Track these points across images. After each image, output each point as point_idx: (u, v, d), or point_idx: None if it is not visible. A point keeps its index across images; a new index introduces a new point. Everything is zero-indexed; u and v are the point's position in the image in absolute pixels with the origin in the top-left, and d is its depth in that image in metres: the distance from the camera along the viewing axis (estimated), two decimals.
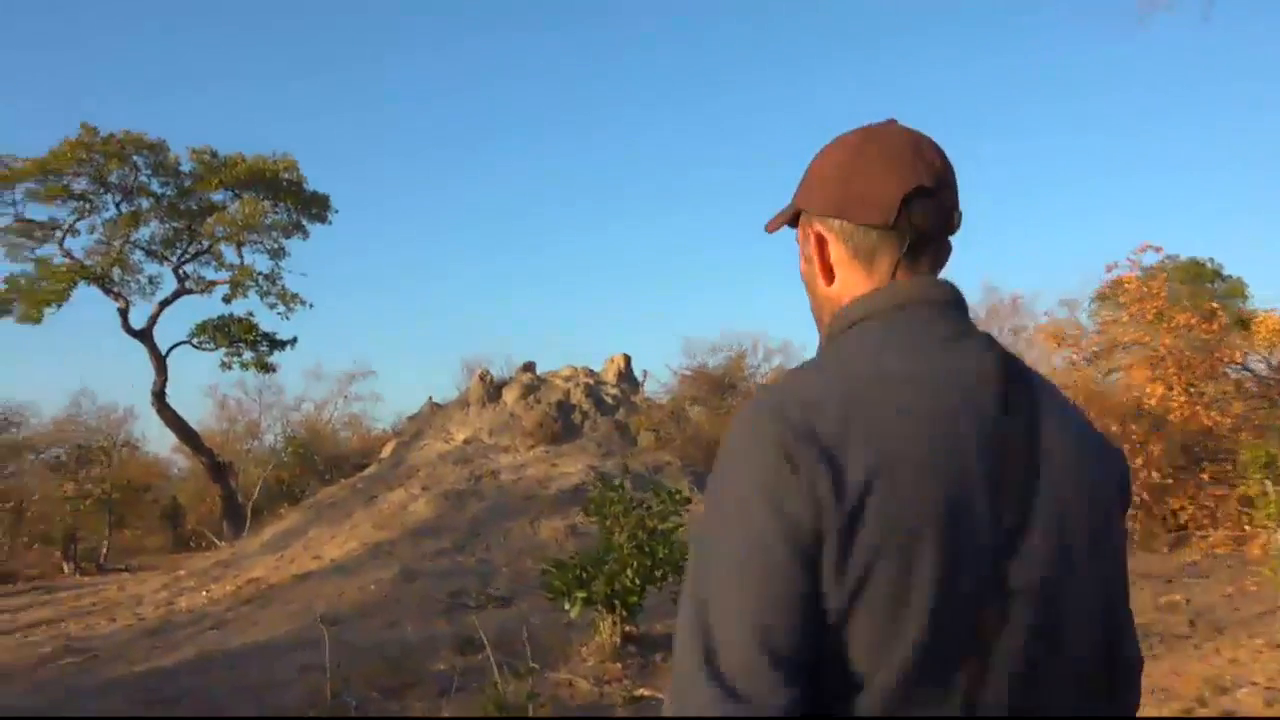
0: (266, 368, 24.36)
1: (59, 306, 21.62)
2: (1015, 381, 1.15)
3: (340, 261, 49.24)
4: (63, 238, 23.07)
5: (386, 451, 17.30)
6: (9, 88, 41.06)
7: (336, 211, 24.87)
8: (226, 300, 23.34)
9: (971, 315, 1.25)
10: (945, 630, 1.02)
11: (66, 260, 22.41)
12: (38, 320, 21.70)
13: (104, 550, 24.76)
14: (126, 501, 28.78)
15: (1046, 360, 15.27)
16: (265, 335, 24.13)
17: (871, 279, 1.23)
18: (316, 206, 24.39)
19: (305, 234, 24.40)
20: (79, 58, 41.50)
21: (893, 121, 1.29)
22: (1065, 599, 1.10)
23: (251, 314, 23.97)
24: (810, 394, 1.08)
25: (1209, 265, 22.42)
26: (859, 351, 1.16)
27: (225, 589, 12.84)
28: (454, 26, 50.84)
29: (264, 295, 23.28)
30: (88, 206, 22.94)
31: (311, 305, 23.72)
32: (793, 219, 1.35)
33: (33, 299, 21.26)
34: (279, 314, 23.51)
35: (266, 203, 22.70)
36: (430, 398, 18.08)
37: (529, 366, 18.12)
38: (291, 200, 23.69)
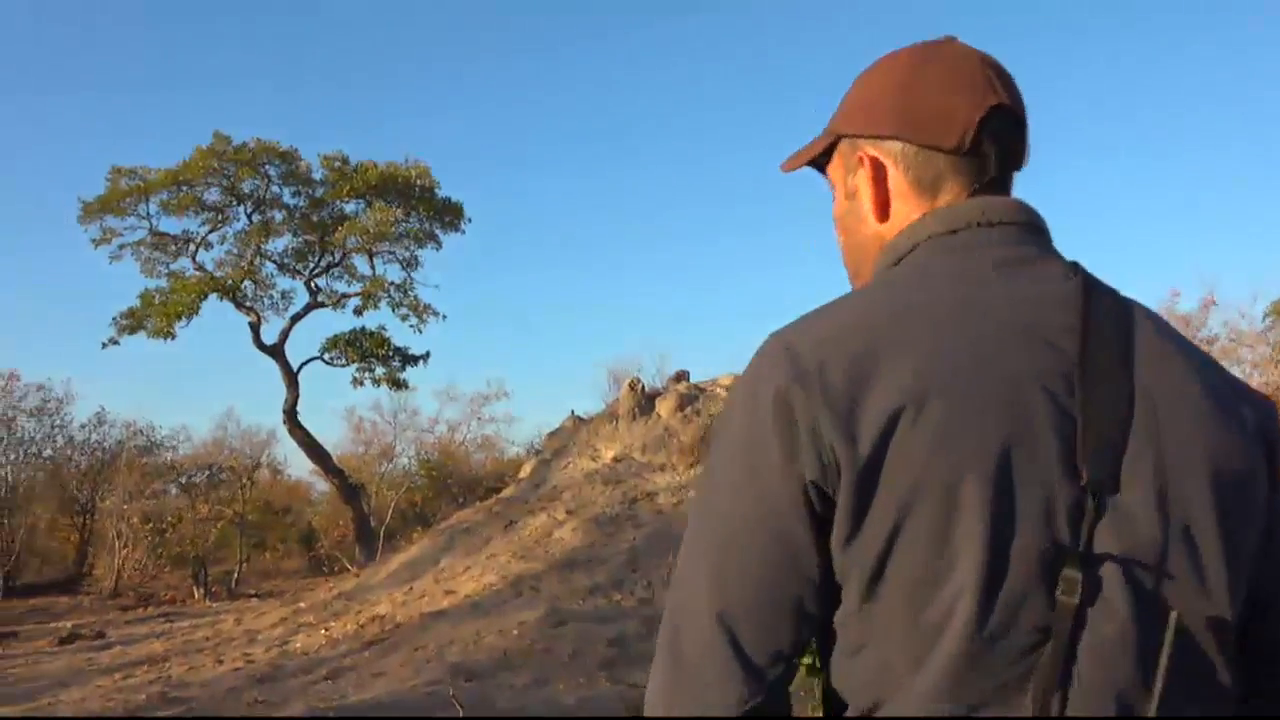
0: (399, 384, 22.82)
1: (189, 320, 20.49)
2: (1107, 313, 0.92)
3: (472, 273, 48.06)
4: (195, 251, 22.10)
5: (525, 471, 15.25)
6: (143, 95, 41.35)
7: (470, 220, 23.33)
8: (358, 312, 21.92)
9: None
10: (1006, 608, 0.83)
11: (198, 273, 21.36)
12: (169, 334, 20.61)
13: (236, 574, 23.60)
14: (265, 524, 27.95)
15: None
16: (398, 350, 22.63)
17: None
18: (450, 214, 22.84)
19: (438, 244, 22.89)
20: (200, 61, 41.59)
21: (952, 38, 1.07)
22: (1182, 576, 0.86)
23: (384, 328, 22.55)
24: (829, 328, 0.91)
25: None
26: (901, 281, 0.97)
27: (346, 627, 10.91)
28: (589, 18, 49.36)
29: (396, 307, 21.77)
30: (220, 218, 21.91)
31: (445, 317, 22.12)
32: (823, 153, 1.12)
33: (163, 312, 20.17)
34: (411, 326, 21.97)
35: (399, 210, 21.21)
36: (572, 411, 16.02)
37: (682, 375, 15.88)
38: (424, 208, 22.20)
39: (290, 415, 22.40)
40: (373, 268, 22.52)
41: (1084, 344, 0.90)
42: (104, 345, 21.71)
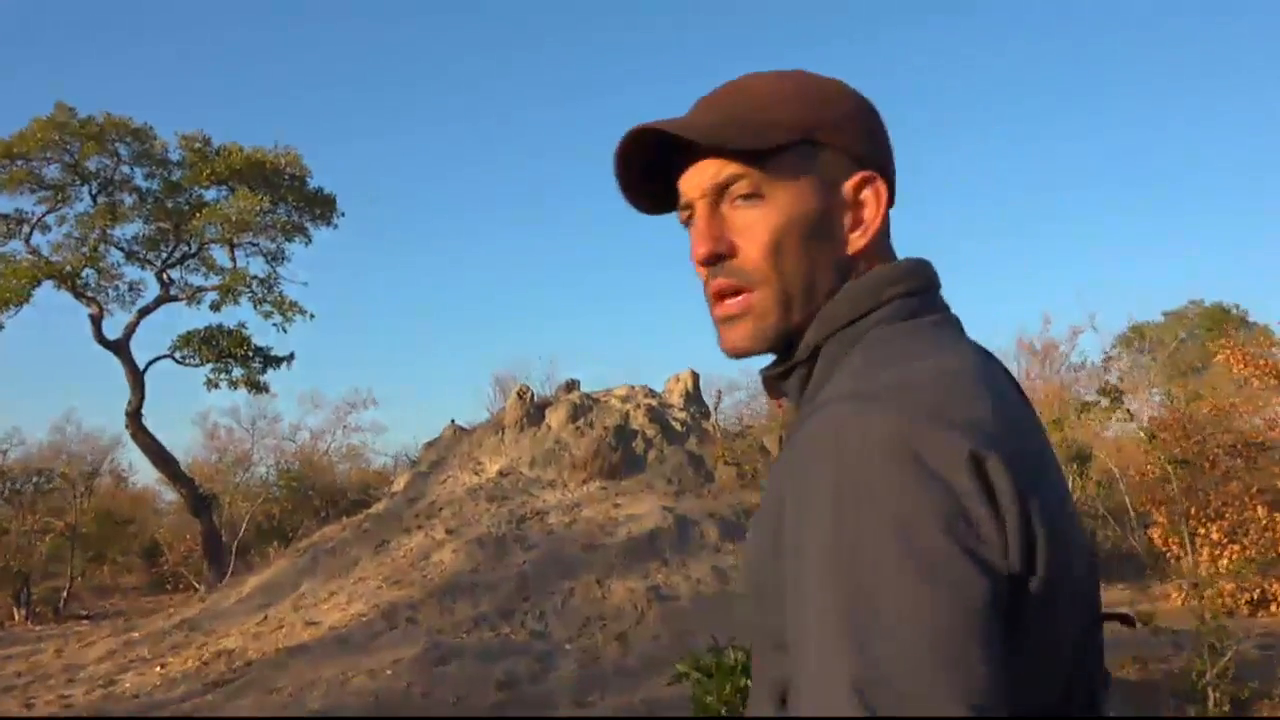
0: (258, 387, 20.90)
1: (18, 309, 18.20)
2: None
3: (340, 271, 45.66)
4: (29, 233, 19.72)
5: (399, 485, 13.84)
6: None
7: (342, 214, 21.64)
8: (215, 308, 19.95)
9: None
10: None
11: (31, 257, 19.06)
12: None
13: (65, 592, 21.21)
14: (105, 536, 25.56)
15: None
16: (258, 350, 20.74)
17: (890, 253, 0.97)
18: (320, 206, 21.12)
19: (308, 238, 21.12)
20: (60, 38, 38.26)
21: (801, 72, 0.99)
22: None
23: (244, 325, 20.63)
24: (949, 390, 0.80)
25: None
26: (939, 332, 0.90)
27: (187, 663, 9.35)
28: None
29: (258, 303, 19.90)
30: (59, 198, 19.64)
31: (313, 316, 20.34)
32: (773, 146, 0.93)
33: None
34: (275, 325, 20.11)
35: (265, 198, 19.41)
36: (452, 420, 14.67)
37: (572, 385, 14.73)
38: (293, 198, 20.45)
39: (134, 418, 20.25)
40: (234, 260, 20.61)
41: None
42: None
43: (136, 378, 20.12)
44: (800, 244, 0.92)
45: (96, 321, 19.69)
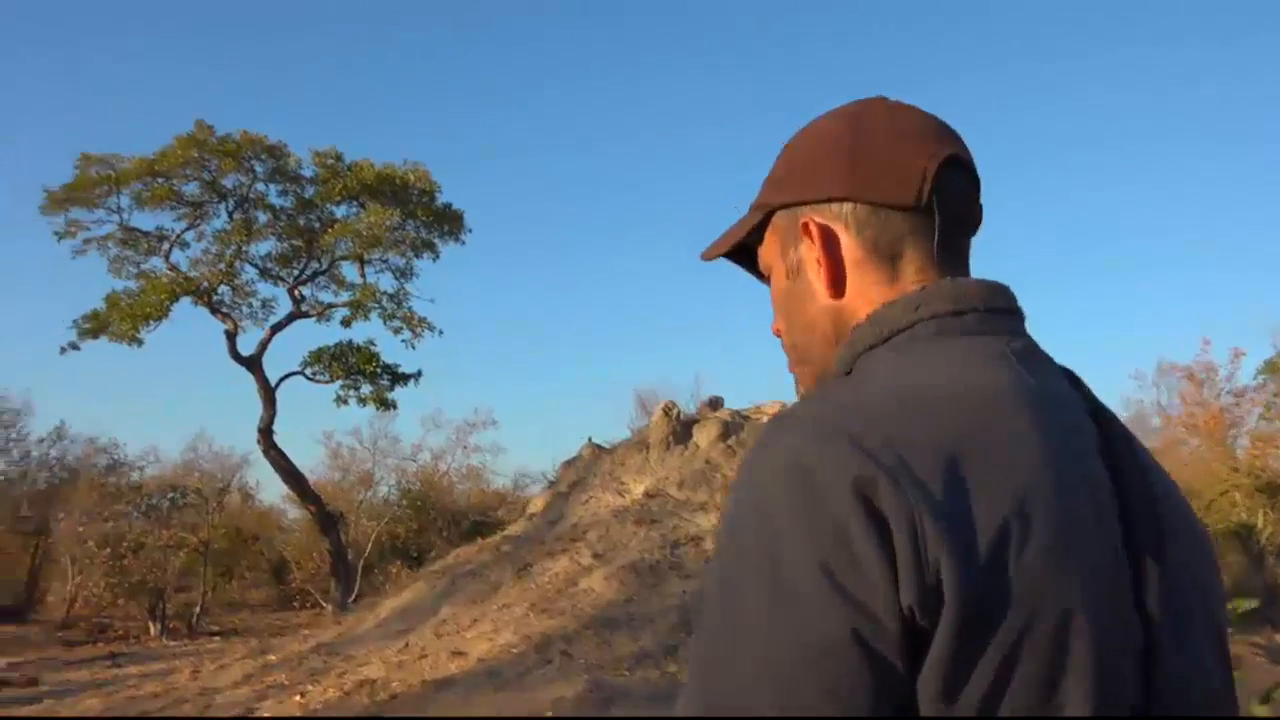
0: (387, 404, 20.57)
1: (157, 324, 18.21)
2: (1108, 414, 0.83)
3: (467, 290, 45.68)
4: (169, 250, 19.86)
5: (537, 505, 13.06)
6: (129, 82, 39.02)
7: (470, 231, 21.27)
8: (345, 324, 19.70)
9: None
10: None
11: (170, 273, 19.13)
12: (135, 340, 18.33)
13: (199, 609, 21.20)
14: (233, 552, 25.74)
15: None
16: (387, 367, 20.44)
17: (896, 284, 0.88)
18: (449, 223, 20.78)
19: (435, 254, 20.78)
20: (200, 55, 39.36)
21: (884, 97, 0.94)
22: (1231, 711, 0.79)
23: (373, 342, 20.36)
24: (887, 409, 0.73)
25: None
26: (919, 363, 0.80)
27: (327, 693, 8.68)
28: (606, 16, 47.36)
29: (388, 319, 19.59)
30: (198, 214, 19.73)
31: (441, 332, 19.94)
32: (753, 230, 0.97)
33: (129, 315, 17.90)
34: (404, 341, 19.79)
35: (396, 213, 19.12)
36: (590, 438, 13.89)
37: (716, 401, 13.80)
38: (422, 214, 20.13)
39: (266, 434, 20.13)
40: (363, 276, 20.38)
41: (1115, 460, 0.77)
42: (62, 350, 19.43)
43: (269, 394, 20.03)
44: (784, 313, 0.95)
45: (231, 337, 19.68)
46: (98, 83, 38.94)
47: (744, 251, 1.01)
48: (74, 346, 19.49)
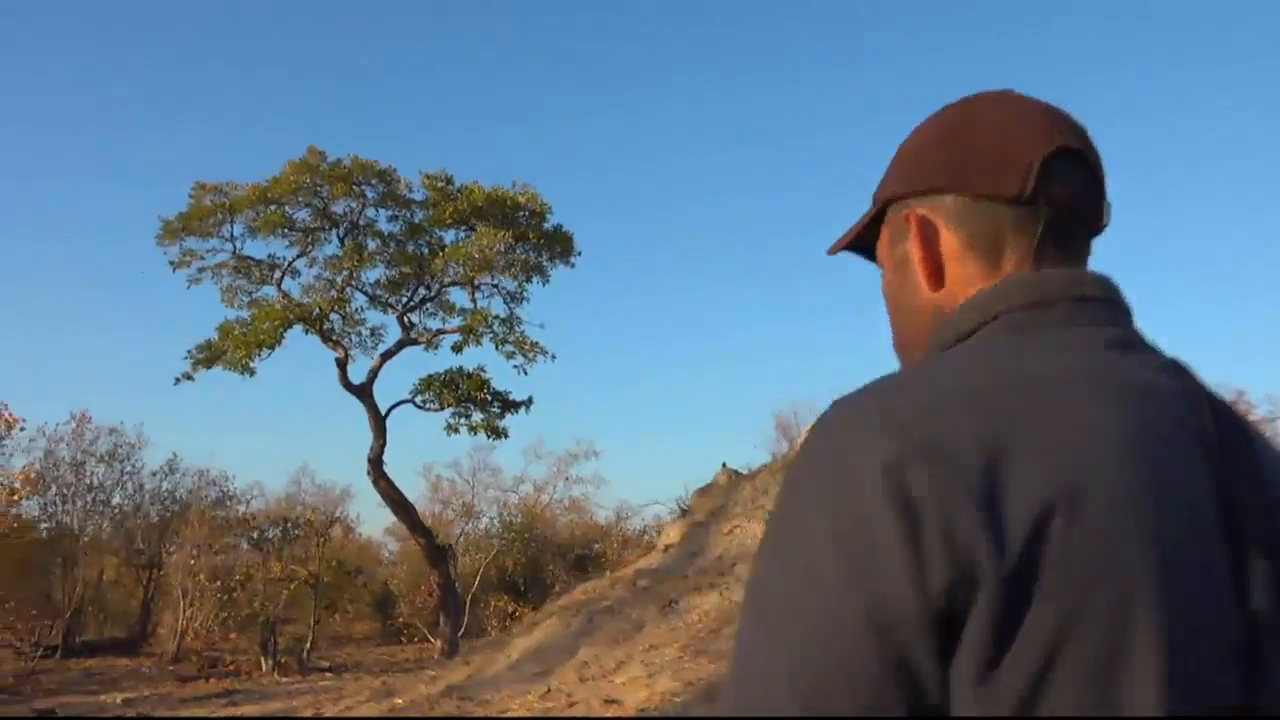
0: (498, 432, 19.85)
1: (270, 352, 17.85)
2: (1222, 406, 0.77)
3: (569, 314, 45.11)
4: (281, 278, 19.59)
5: (672, 537, 12.05)
6: (221, 111, 39.69)
7: (579, 253, 20.56)
8: (456, 349, 19.05)
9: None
10: None
11: (283, 300, 18.80)
12: (247, 368, 17.99)
13: (308, 645, 20.69)
14: (338, 585, 25.35)
15: None
16: (497, 394, 19.77)
17: (996, 275, 0.84)
18: (559, 245, 20.12)
19: (546, 278, 20.11)
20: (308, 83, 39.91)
21: (1011, 90, 0.90)
22: None
23: (483, 369, 19.72)
24: (933, 394, 0.70)
25: None
26: (992, 350, 0.78)
27: None
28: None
29: (499, 343, 18.92)
30: (309, 241, 19.43)
31: (554, 357, 19.19)
32: (871, 224, 0.95)
33: (243, 342, 17.57)
34: (517, 367, 19.07)
35: (508, 234, 18.50)
36: (725, 464, 12.88)
37: None
38: (534, 236, 19.50)
39: (376, 464, 19.58)
40: (474, 301, 19.78)
41: (1221, 450, 0.72)
42: (176, 381, 19.23)
43: (379, 423, 19.51)
44: (892, 304, 0.94)
45: (342, 365, 19.24)
46: (200, 109, 39.70)
47: (869, 248, 0.98)
48: (188, 377, 19.30)
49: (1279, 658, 0.67)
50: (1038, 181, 0.83)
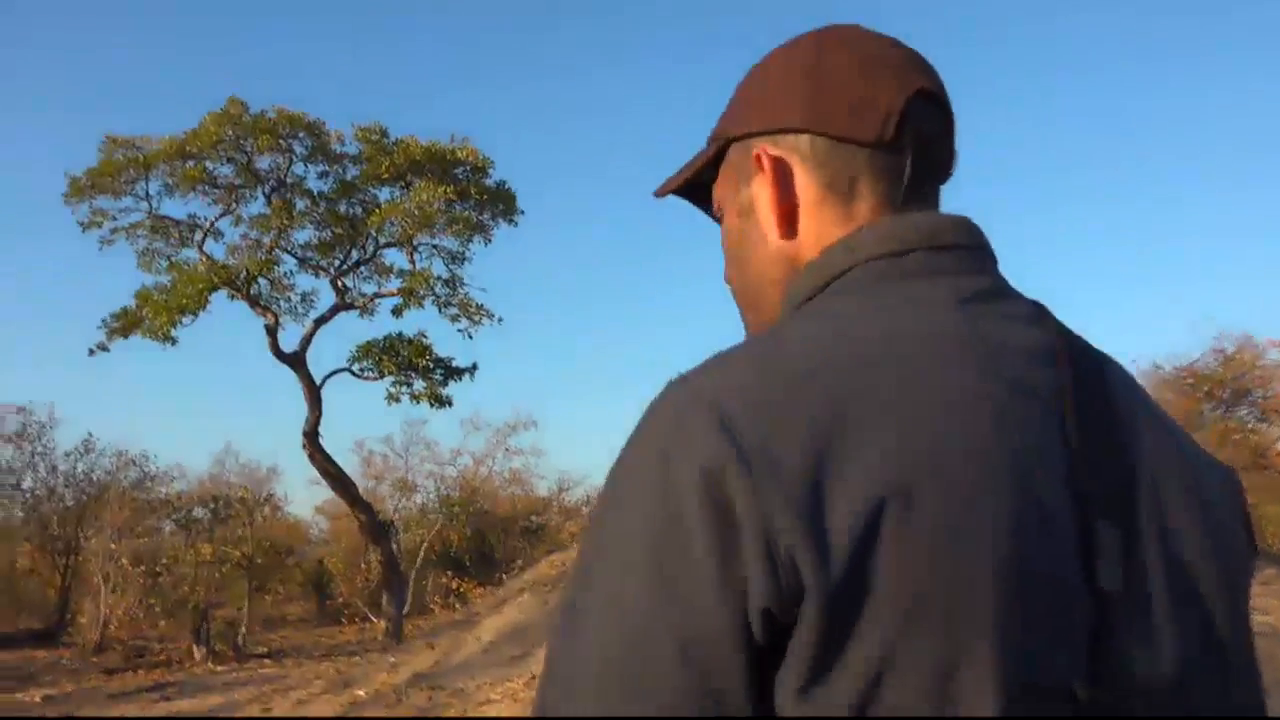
0: (441, 401, 18.71)
1: (195, 317, 16.44)
2: (1090, 371, 0.73)
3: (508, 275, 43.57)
4: (202, 239, 18.12)
5: None
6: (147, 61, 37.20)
7: (522, 212, 19.48)
8: (396, 313, 17.85)
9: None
10: None
11: (206, 263, 17.37)
12: (168, 337, 16.59)
13: (242, 631, 19.46)
14: (268, 567, 24.10)
15: None
16: (439, 360, 18.65)
17: (851, 223, 0.79)
18: (502, 203, 19.01)
19: (488, 237, 18.98)
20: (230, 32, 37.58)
21: (858, 25, 0.85)
22: (1206, 697, 0.68)
23: (424, 334, 18.57)
24: (767, 380, 0.65)
25: None
26: (842, 311, 0.73)
27: None
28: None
29: (443, 306, 17.79)
30: (232, 199, 18.00)
31: (501, 320, 18.13)
32: (708, 163, 0.88)
33: (164, 308, 16.15)
34: (461, 331, 17.97)
35: (450, 188, 17.33)
36: None
37: None
38: (475, 193, 18.35)
39: (311, 437, 18.35)
40: (413, 262, 18.57)
41: (1079, 412, 0.69)
42: (91, 352, 17.75)
43: (314, 394, 18.27)
44: (734, 257, 0.87)
45: (272, 332, 17.92)
46: (113, 64, 37.15)
47: (703, 190, 0.92)
48: (102, 348, 17.84)
49: (1130, 635, 0.65)
50: (898, 126, 0.77)
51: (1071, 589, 0.63)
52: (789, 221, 0.81)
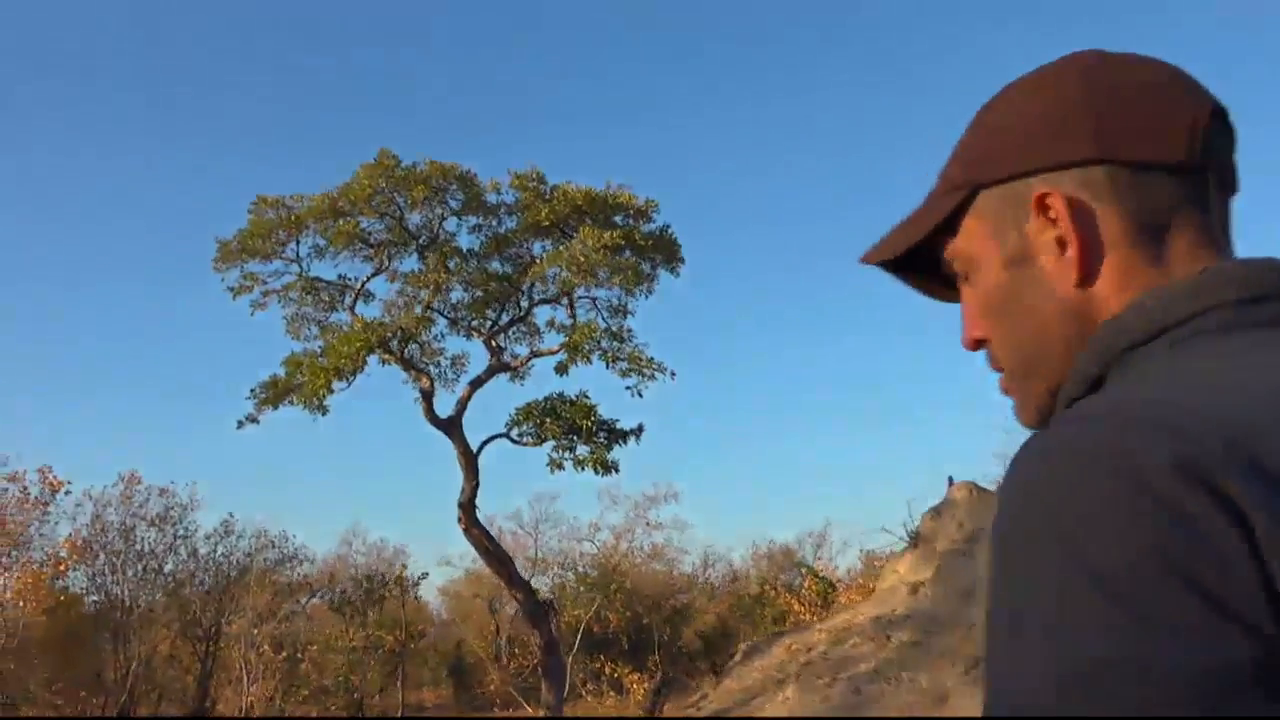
0: (606, 466, 16.98)
1: (352, 379, 15.17)
2: None
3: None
4: (354, 301, 17.01)
5: (910, 571, 9.15)
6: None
7: (683, 261, 17.89)
8: (561, 370, 16.24)
9: None
10: None
11: (360, 323, 16.18)
12: (321, 405, 15.36)
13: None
14: (409, 652, 22.64)
15: None
16: (603, 423, 16.97)
17: (1162, 266, 0.69)
18: (664, 252, 17.47)
19: (651, 287, 17.40)
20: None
21: (1098, 50, 0.76)
22: None
23: (586, 394, 16.96)
24: (1194, 396, 0.58)
25: None
26: (1212, 360, 0.63)
27: None
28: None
29: (611, 361, 16.15)
30: (384, 257, 16.88)
31: (674, 374, 16.39)
32: (945, 221, 0.77)
33: (319, 370, 14.90)
34: (630, 389, 16.26)
35: (616, 233, 15.85)
36: (951, 478, 10.03)
37: None
38: (640, 240, 16.85)
39: (468, 509, 16.80)
40: (573, 316, 17.11)
41: None
42: (239, 425, 16.65)
43: (470, 462, 16.74)
44: (1003, 314, 0.75)
45: (428, 397, 16.53)
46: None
47: (911, 260, 0.82)
48: (252, 420, 16.73)
49: None
50: (1203, 145, 0.69)
51: None
52: (1090, 268, 0.70)
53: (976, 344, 0.79)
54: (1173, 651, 0.49)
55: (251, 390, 16.50)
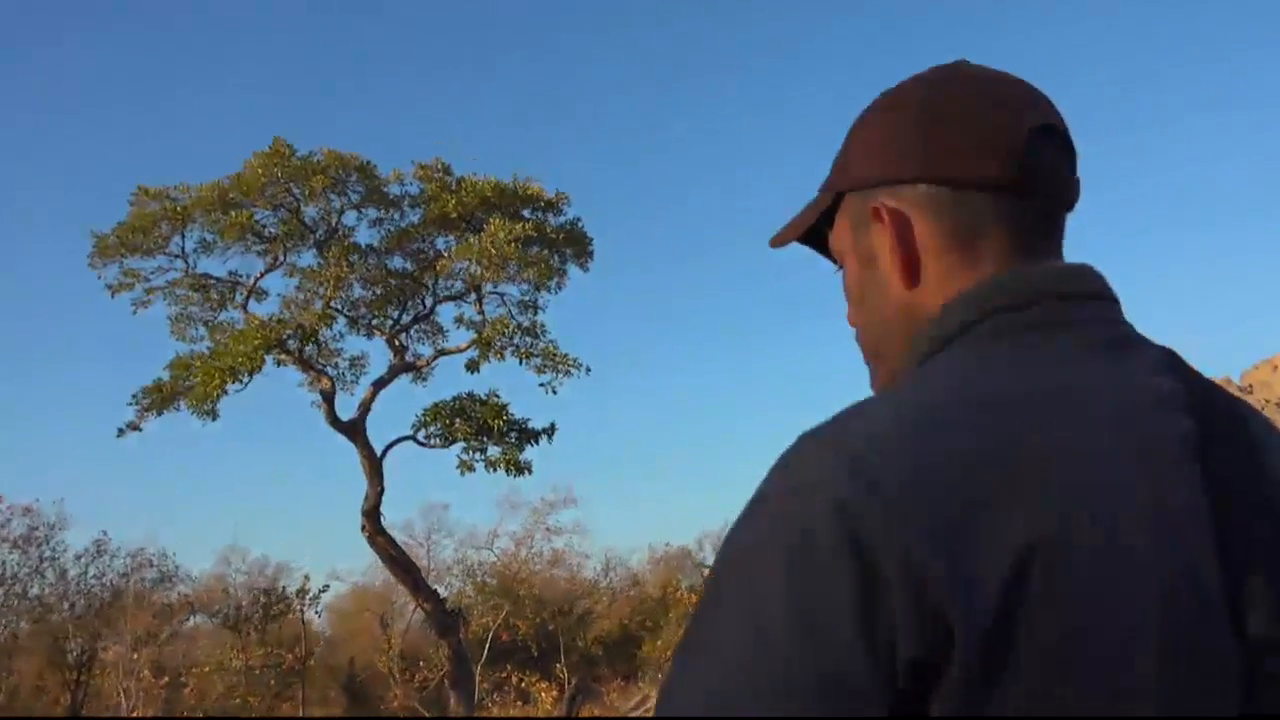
0: (519, 467, 16.41)
1: (249, 379, 14.14)
2: (1225, 410, 0.72)
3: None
4: (246, 298, 16.00)
5: None
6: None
7: (593, 256, 17.49)
8: (472, 368, 15.58)
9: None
10: None
11: (255, 321, 15.16)
12: (212, 409, 14.30)
13: None
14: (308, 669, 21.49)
15: None
16: (514, 423, 16.38)
17: (975, 271, 0.76)
18: (574, 246, 17.02)
19: (562, 281, 16.91)
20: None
21: (965, 60, 0.83)
22: None
23: (496, 394, 16.34)
24: (896, 427, 0.64)
25: None
26: (976, 364, 0.70)
27: None
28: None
29: (524, 358, 15.56)
30: (279, 252, 15.89)
31: (589, 370, 15.92)
32: (824, 221, 0.86)
33: (215, 370, 13.85)
34: (544, 386, 15.72)
35: (526, 225, 15.31)
36: None
37: None
38: (552, 233, 16.36)
39: (372, 516, 16.01)
40: (482, 311, 16.46)
41: (1219, 461, 0.67)
42: (120, 433, 15.51)
43: (374, 467, 15.93)
44: (858, 306, 0.85)
45: (329, 399, 15.65)
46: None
47: (818, 236, 0.90)
48: (134, 427, 15.58)
49: (1275, 683, 0.63)
50: (1021, 165, 0.75)
51: (1223, 640, 0.61)
52: (911, 272, 0.77)
53: (852, 324, 0.86)
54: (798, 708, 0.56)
55: (133, 396, 15.35)
